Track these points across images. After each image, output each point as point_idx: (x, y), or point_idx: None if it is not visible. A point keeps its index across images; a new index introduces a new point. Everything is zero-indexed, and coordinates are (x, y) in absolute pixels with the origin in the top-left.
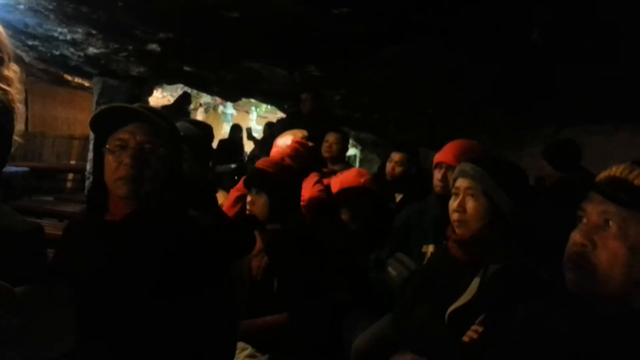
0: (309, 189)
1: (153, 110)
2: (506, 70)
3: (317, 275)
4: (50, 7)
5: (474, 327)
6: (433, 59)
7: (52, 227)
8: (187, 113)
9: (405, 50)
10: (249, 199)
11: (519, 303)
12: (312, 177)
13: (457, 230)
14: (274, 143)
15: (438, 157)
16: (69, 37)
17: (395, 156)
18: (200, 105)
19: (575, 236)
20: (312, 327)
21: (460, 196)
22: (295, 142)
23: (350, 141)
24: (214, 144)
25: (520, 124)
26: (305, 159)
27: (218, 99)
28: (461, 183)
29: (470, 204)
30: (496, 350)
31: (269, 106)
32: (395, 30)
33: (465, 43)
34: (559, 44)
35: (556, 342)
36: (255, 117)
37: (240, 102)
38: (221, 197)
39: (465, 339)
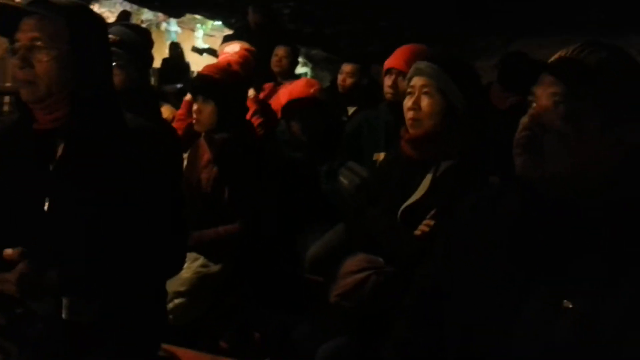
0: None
1: (49, 2)
2: None
3: (268, 185)
4: None
5: (425, 221)
6: None
7: None
8: None
9: None
10: (195, 107)
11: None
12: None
13: (410, 130)
14: (220, 50)
15: (388, 62)
16: None
17: (346, 67)
18: (142, 22)
19: (524, 120)
20: (262, 235)
21: (416, 94)
22: (243, 49)
23: (301, 59)
24: (158, 64)
25: (471, 35)
26: (252, 68)
27: (161, 16)
28: (416, 81)
29: (425, 102)
30: (445, 237)
31: (215, 23)
32: None
33: None
34: None
35: (506, 226)
36: (202, 35)
37: (184, 19)
38: (167, 111)
39: (417, 232)
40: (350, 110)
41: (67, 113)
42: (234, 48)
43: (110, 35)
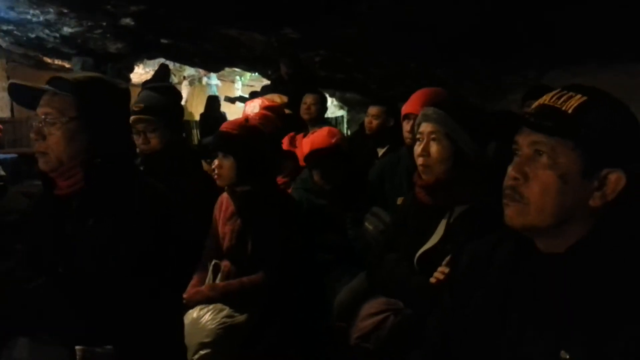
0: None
1: (56, 79)
2: (483, 16)
3: (291, 234)
4: None
5: (440, 268)
6: (407, 11)
7: None
8: None
9: (378, 4)
10: (216, 163)
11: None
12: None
13: (422, 176)
14: (244, 111)
15: (405, 108)
16: (42, 18)
17: (372, 110)
18: (184, 78)
19: (509, 170)
20: (287, 284)
21: (424, 141)
22: (262, 108)
23: (337, 102)
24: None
25: (502, 70)
26: (277, 123)
27: (202, 71)
28: (424, 128)
29: (433, 148)
30: (450, 285)
31: (253, 74)
32: None
33: None
34: None
35: (502, 274)
36: (241, 86)
37: (224, 72)
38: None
39: (432, 280)
40: (380, 151)
41: (81, 179)
42: (254, 109)
43: (136, 104)
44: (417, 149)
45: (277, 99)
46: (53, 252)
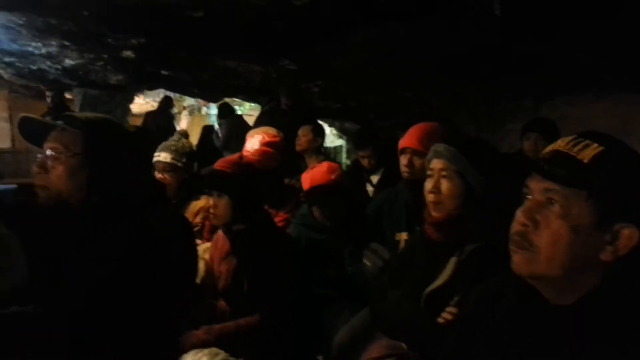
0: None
1: (67, 116)
2: (475, 45)
3: (287, 275)
4: (21, 22)
5: (448, 309)
6: (401, 40)
7: None
8: (171, 117)
9: (373, 34)
10: (210, 202)
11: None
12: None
13: (432, 212)
14: (244, 147)
15: (402, 142)
16: (44, 50)
17: (364, 153)
18: (184, 108)
19: (519, 215)
20: (284, 326)
21: (435, 177)
22: (262, 144)
23: (335, 132)
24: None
25: (498, 99)
26: (278, 158)
27: (201, 101)
28: (435, 164)
29: (444, 185)
30: (454, 330)
31: (252, 104)
32: (361, 14)
33: (432, 23)
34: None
35: (506, 322)
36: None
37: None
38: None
39: (441, 320)
40: (375, 178)
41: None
42: (254, 145)
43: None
44: (428, 185)
45: (270, 131)
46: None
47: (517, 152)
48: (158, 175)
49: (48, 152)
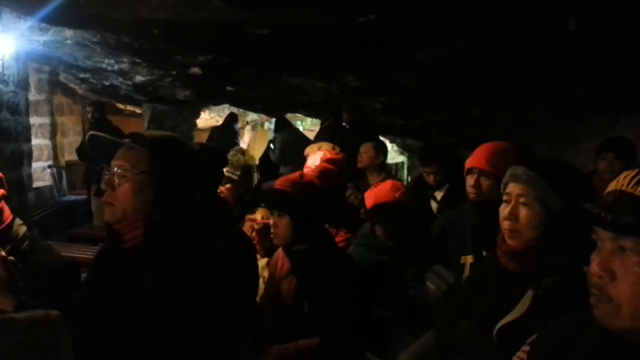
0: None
1: (134, 134)
2: (545, 63)
3: (348, 295)
4: (95, 40)
5: (524, 348)
6: (467, 58)
7: None
8: (236, 132)
9: (438, 51)
10: (271, 221)
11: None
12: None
13: (508, 241)
14: (305, 163)
15: (469, 162)
16: (116, 67)
17: (429, 169)
18: (247, 123)
19: (593, 266)
20: (344, 349)
21: (512, 203)
22: (324, 161)
23: (397, 148)
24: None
25: (570, 117)
26: (338, 174)
27: (264, 116)
28: (512, 189)
29: (523, 212)
30: None
31: (314, 119)
32: (425, 32)
33: (498, 39)
34: (595, 31)
35: None
36: (303, 130)
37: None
38: (261, 213)
39: (515, 359)
40: (439, 194)
41: (141, 234)
42: (315, 162)
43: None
44: (504, 211)
45: (326, 146)
46: (102, 307)
47: (591, 172)
48: None
49: (115, 169)
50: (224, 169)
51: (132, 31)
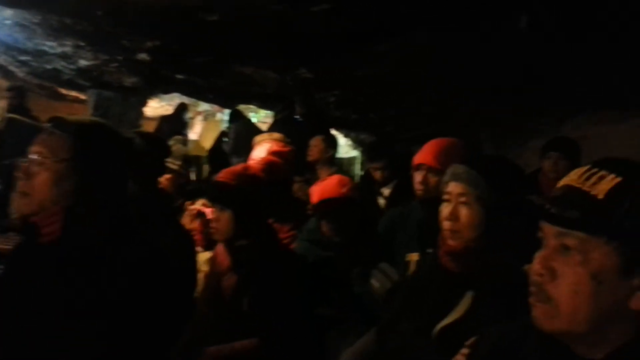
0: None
1: (61, 119)
2: (498, 60)
3: (290, 293)
4: (36, 20)
5: (463, 350)
6: (423, 53)
7: None
8: (185, 122)
9: (394, 45)
10: (212, 215)
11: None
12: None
13: (449, 241)
14: (250, 155)
15: (417, 158)
16: (58, 50)
17: (377, 165)
18: (199, 113)
19: (534, 263)
20: (284, 350)
21: (453, 203)
22: (270, 153)
23: (350, 143)
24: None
25: (520, 116)
26: (285, 168)
27: (216, 107)
28: (453, 188)
29: (464, 212)
30: None
31: (267, 111)
32: (382, 25)
33: (455, 34)
34: (548, 30)
35: None
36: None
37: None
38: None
39: None
40: (386, 190)
41: (61, 228)
42: (260, 154)
43: None
44: (444, 211)
45: (279, 140)
46: (21, 309)
47: (536, 171)
48: None
49: (33, 156)
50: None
51: (74, 12)
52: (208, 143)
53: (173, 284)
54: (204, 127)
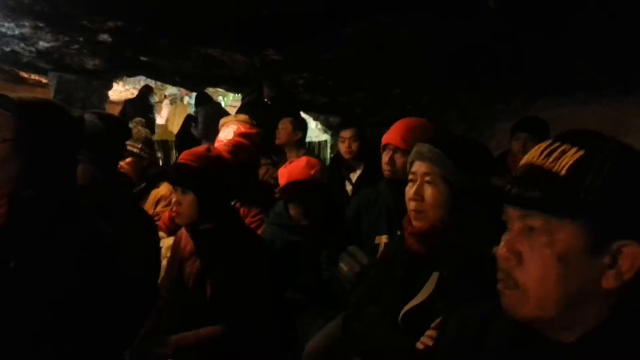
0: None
1: (3, 97)
2: (467, 42)
3: (255, 279)
4: None
5: (429, 332)
6: (392, 35)
7: None
8: (151, 106)
9: (364, 27)
10: (174, 198)
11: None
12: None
13: (414, 222)
14: (217, 137)
15: (385, 138)
16: (17, 31)
17: (346, 133)
18: (166, 97)
19: (500, 247)
20: (249, 336)
21: (418, 182)
22: (237, 134)
23: (320, 126)
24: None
25: (489, 98)
26: (252, 150)
27: (184, 90)
28: (418, 167)
29: (428, 192)
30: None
31: (236, 95)
32: (350, 7)
33: (423, 16)
34: (515, 10)
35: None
36: (224, 106)
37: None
38: (165, 189)
39: (419, 345)
40: (354, 175)
41: (5, 213)
42: (227, 135)
43: None
44: (410, 191)
45: (246, 122)
46: None
47: (505, 152)
48: None
49: None
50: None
51: None
52: (176, 127)
53: (126, 271)
54: (171, 111)
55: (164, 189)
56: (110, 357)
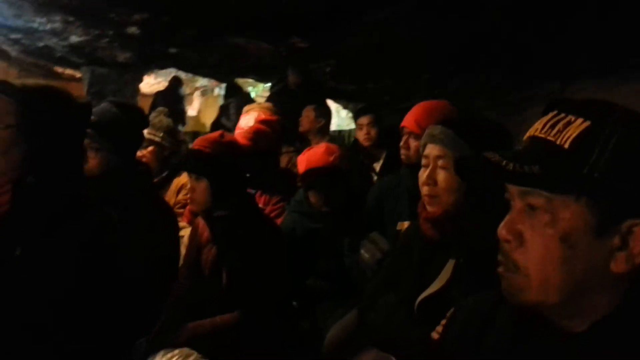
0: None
1: (5, 83)
2: (500, 24)
3: (272, 266)
4: None
5: (444, 322)
6: (417, 21)
7: None
8: (181, 97)
9: (388, 14)
10: (188, 185)
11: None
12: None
13: (427, 207)
14: (238, 124)
15: (403, 122)
16: (48, 26)
17: (364, 120)
18: (197, 89)
19: (500, 228)
20: (267, 325)
21: (430, 166)
22: (257, 121)
23: (351, 115)
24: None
25: (520, 82)
26: (273, 137)
27: (214, 82)
28: (430, 150)
29: (441, 176)
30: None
31: (266, 85)
32: None
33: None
34: None
35: (496, 352)
36: (255, 97)
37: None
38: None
39: (435, 335)
40: (378, 165)
41: (9, 200)
42: (248, 122)
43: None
44: (422, 175)
45: (268, 109)
46: None
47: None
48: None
49: None
50: (145, 131)
51: None
52: (208, 119)
53: (138, 260)
54: (203, 103)
55: (185, 177)
56: (110, 357)
